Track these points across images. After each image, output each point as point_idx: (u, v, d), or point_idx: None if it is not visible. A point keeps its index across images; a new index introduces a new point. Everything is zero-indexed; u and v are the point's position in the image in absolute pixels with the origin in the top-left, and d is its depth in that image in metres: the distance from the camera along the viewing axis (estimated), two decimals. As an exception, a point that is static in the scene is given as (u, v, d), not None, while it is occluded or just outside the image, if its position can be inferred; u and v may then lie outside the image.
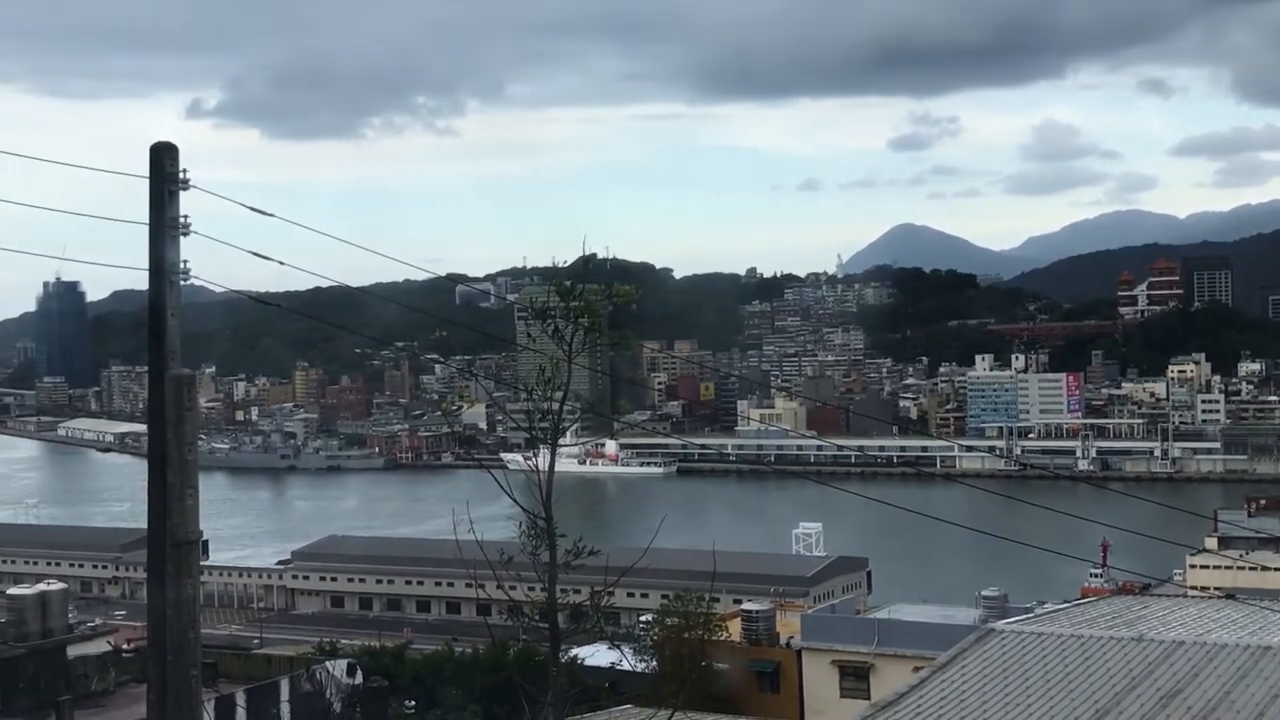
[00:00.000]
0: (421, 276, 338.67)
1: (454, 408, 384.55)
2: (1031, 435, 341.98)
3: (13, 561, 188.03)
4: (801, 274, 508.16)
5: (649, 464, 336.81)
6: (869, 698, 63.03)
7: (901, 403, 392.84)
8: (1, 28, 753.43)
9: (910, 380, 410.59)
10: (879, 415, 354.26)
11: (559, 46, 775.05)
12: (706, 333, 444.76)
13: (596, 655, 50.90)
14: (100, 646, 79.83)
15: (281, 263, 18.77)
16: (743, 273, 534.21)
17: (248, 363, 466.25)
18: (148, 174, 16.68)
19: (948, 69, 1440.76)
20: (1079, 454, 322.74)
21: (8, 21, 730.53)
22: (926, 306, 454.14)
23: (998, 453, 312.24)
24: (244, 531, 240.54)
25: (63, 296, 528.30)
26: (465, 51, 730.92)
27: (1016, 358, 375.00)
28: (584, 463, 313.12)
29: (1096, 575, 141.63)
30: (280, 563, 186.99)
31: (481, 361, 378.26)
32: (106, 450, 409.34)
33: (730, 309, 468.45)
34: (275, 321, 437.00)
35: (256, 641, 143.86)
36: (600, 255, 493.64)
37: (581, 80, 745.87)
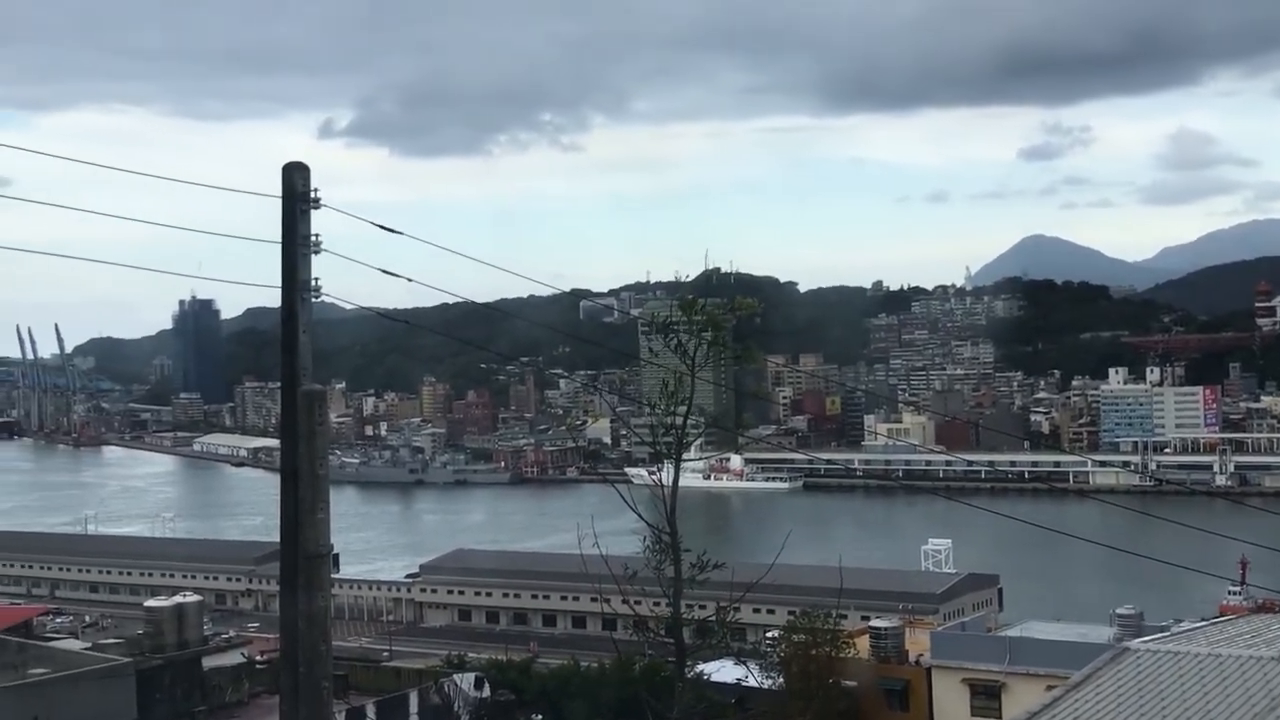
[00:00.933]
0: (546, 292, 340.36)
1: (578, 422, 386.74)
2: (1167, 450, 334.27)
3: (150, 574, 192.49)
4: (929, 286, 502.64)
5: (774, 479, 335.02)
6: (1000, 717, 61.98)
7: (1033, 417, 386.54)
8: (140, 51, 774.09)
9: (1041, 394, 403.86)
10: (1009, 430, 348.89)
11: (684, 61, 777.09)
12: (832, 346, 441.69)
13: (722, 671, 50.64)
14: (234, 658, 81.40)
15: (409, 279, 19.02)
16: (869, 285, 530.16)
17: (377, 378, 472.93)
18: (280, 193, 16.99)
19: (1080, 77, 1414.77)
20: (1216, 469, 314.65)
21: (146, 45, 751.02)
22: (1058, 319, 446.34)
23: (1132, 468, 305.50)
24: (373, 545, 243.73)
25: (198, 314, 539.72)
26: (591, 67, 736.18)
27: (1151, 371, 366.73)
28: (708, 478, 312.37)
29: (1235, 593, 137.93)
30: (409, 576, 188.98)
31: (605, 376, 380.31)
32: (240, 465, 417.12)
33: (856, 322, 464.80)
34: (403, 337, 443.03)
35: (386, 654, 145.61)
36: (724, 269, 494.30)
37: (706, 94, 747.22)
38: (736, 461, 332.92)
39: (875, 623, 79.88)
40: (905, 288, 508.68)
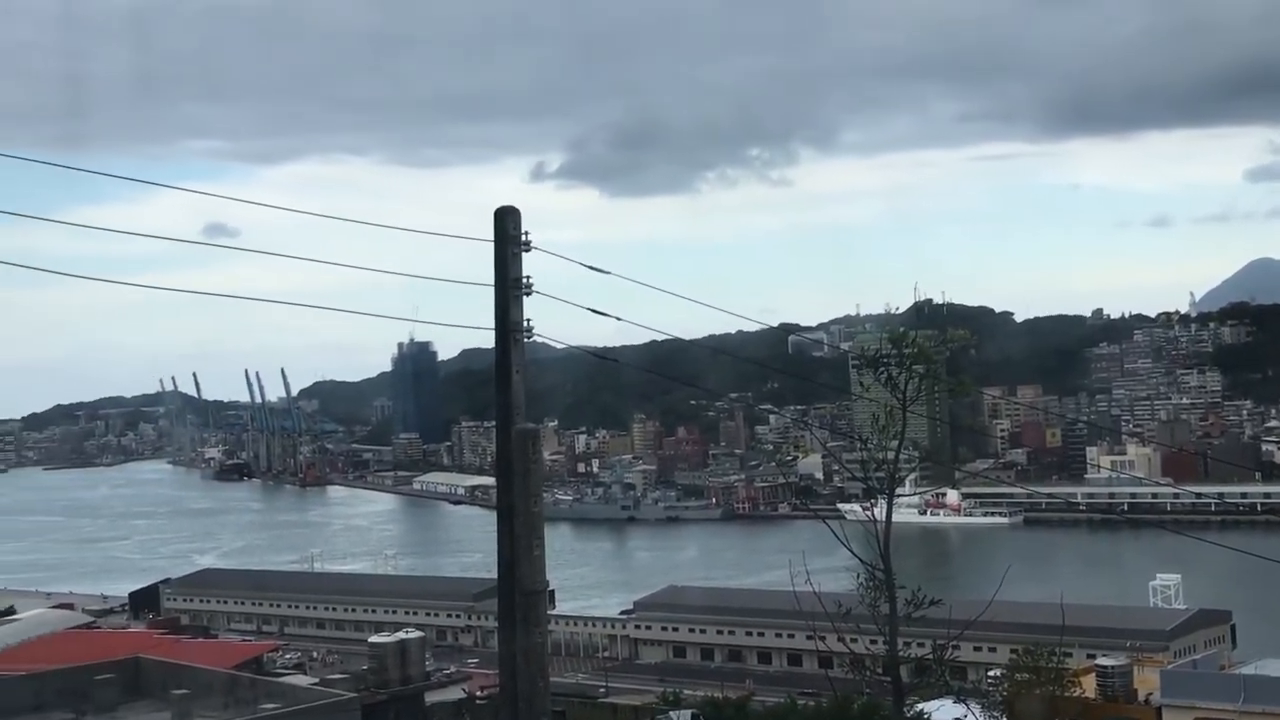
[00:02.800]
0: (754, 327, 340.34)
1: (789, 458, 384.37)
2: None
3: (373, 611, 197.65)
4: (1151, 313, 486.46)
5: (993, 514, 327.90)
6: (1236, 760, 59.45)
7: (1264, 446, 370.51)
8: (358, 103, 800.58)
9: (1273, 423, 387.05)
10: (1239, 460, 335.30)
11: (894, 91, 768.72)
12: (1050, 377, 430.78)
13: (942, 710, 49.50)
14: (455, 693, 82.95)
15: (618, 318, 19.20)
16: (1088, 314, 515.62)
17: (588, 415, 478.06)
18: (493, 237, 17.36)
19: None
20: None
21: (364, 97, 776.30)
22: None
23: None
24: (588, 581, 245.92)
25: (416, 357, 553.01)
26: (800, 101, 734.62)
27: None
28: (924, 513, 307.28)
29: None
30: (624, 612, 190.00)
31: (815, 411, 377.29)
32: (458, 503, 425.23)
33: (1076, 352, 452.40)
34: (614, 375, 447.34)
35: (602, 690, 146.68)
36: (936, 300, 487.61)
37: (916, 124, 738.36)
38: (953, 496, 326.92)
39: (1102, 661, 77.41)
40: (1127, 315, 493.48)
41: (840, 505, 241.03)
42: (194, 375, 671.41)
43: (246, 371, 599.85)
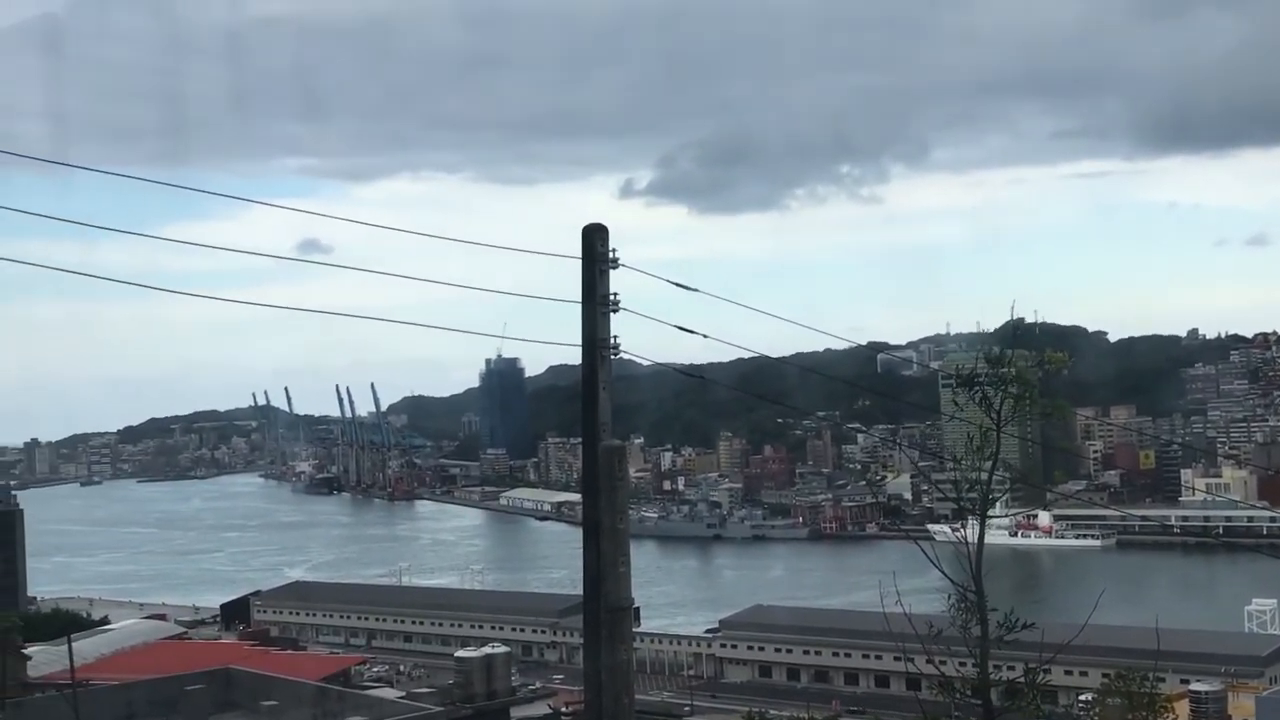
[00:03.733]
0: (842, 345, 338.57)
1: (878, 477, 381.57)
2: None
3: (459, 625, 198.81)
4: (1248, 334, 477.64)
5: (1085, 536, 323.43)
6: (1337, 792, 57.99)
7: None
8: (449, 121, 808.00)
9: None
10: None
11: (988, 108, 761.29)
12: (1145, 398, 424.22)
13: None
14: (540, 709, 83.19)
15: (705, 335, 19.12)
16: (1183, 334, 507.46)
17: (674, 433, 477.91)
18: (580, 254, 17.39)
19: None
20: None
21: (454, 115, 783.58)
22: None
23: None
24: (673, 599, 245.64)
25: (503, 373, 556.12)
26: (892, 118, 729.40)
27: None
28: (1015, 534, 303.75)
29: None
30: (709, 631, 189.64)
31: (905, 430, 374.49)
32: (544, 519, 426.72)
33: (1171, 372, 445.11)
34: (699, 392, 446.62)
35: (687, 709, 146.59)
36: (1028, 319, 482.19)
37: (1010, 140, 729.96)
38: (1045, 518, 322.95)
39: (1196, 686, 76.02)
40: (1223, 335, 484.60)
41: (930, 526, 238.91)
42: (286, 390, 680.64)
43: (337, 386, 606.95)
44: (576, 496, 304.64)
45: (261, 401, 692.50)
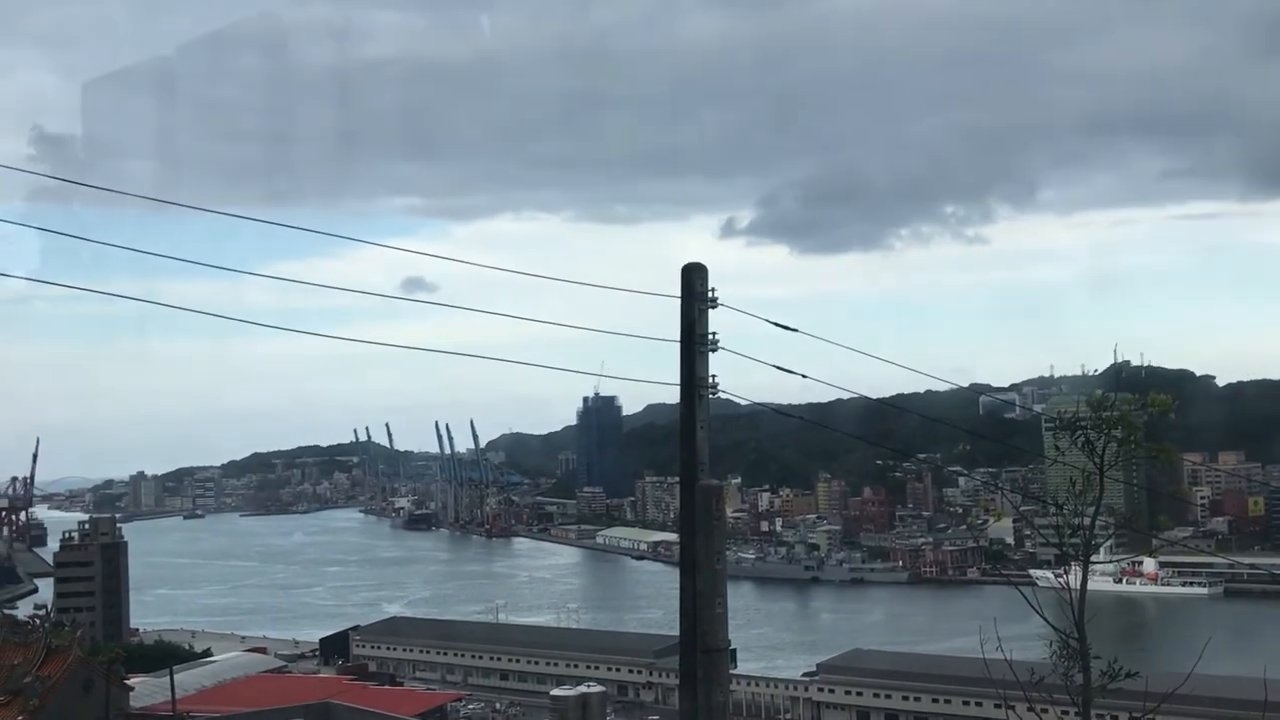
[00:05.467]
0: (944, 387, 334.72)
1: (979, 521, 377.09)
2: None
3: (555, 664, 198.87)
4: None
5: (1192, 584, 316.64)
6: None
7: None
8: (551, 161, 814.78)
9: None
10: None
11: (1096, 147, 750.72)
12: (1254, 443, 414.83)
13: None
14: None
15: (804, 376, 19.06)
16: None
17: (772, 473, 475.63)
18: (679, 293, 17.42)
19: None
20: None
21: (556, 155, 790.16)
22: None
23: None
24: (770, 641, 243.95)
25: (600, 411, 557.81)
26: (998, 158, 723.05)
27: None
28: (1119, 581, 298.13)
29: None
30: (806, 675, 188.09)
31: (1007, 474, 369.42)
32: (640, 558, 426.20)
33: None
34: (797, 432, 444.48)
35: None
36: (1134, 362, 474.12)
37: (1118, 181, 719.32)
38: (1150, 565, 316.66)
39: (1308, 743, 73.75)
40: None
41: (1032, 571, 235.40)
42: (387, 425, 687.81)
43: (437, 423, 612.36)
44: (673, 536, 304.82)
45: (363, 437, 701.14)
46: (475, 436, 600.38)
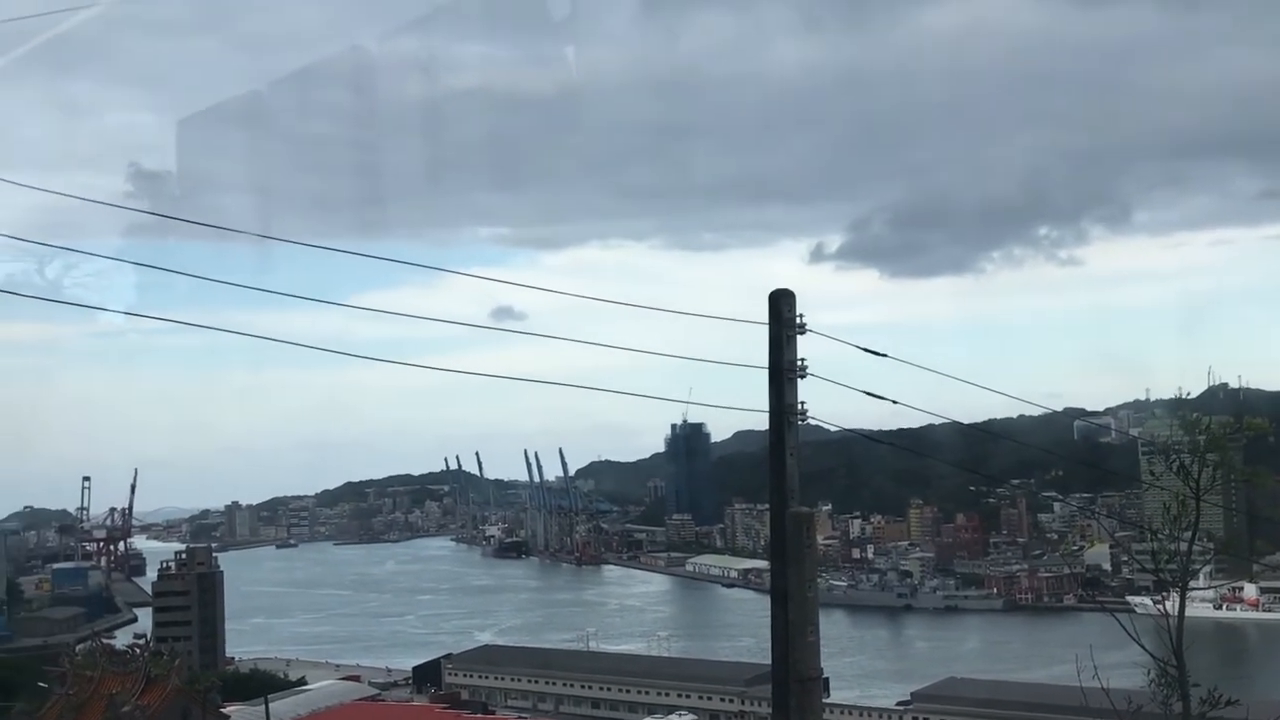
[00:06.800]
0: (1037, 411, 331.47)
1: (1074, 547, 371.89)
2: None
3: (646, 692, 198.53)
4: None
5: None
6: None
7: None
8: (638, 189, 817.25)
9: None
10: None
11: (1193, 168, 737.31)
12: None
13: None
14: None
15: (895, 401, 18.97)
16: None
17: (863, 500, 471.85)
18: (767, 320, 17.43)
19: None
20: None
21: (643, 183, 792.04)
22: None
23: None
24: (863, 670, 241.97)
25: (689, 438, 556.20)
26: (1093, 179, 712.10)
27: None
28: (1219, 607, 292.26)
29: None
30: (899, 704, 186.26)
31: (1103, 499, 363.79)
32: (730, 585, 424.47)
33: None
34: (888, 458, 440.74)
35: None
36: (1232, 385, 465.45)
37: (1214, 201, 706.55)
38: (1251, 590, 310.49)
39: None
40: None
41: (1130, 598, 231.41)
42: (477, 454, 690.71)
43: (526, 451, 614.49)
44: (764, 563, 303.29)
45: (454, 465, 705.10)
46: (564, 464, 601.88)
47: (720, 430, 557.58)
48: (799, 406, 17.00)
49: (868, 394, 18.54)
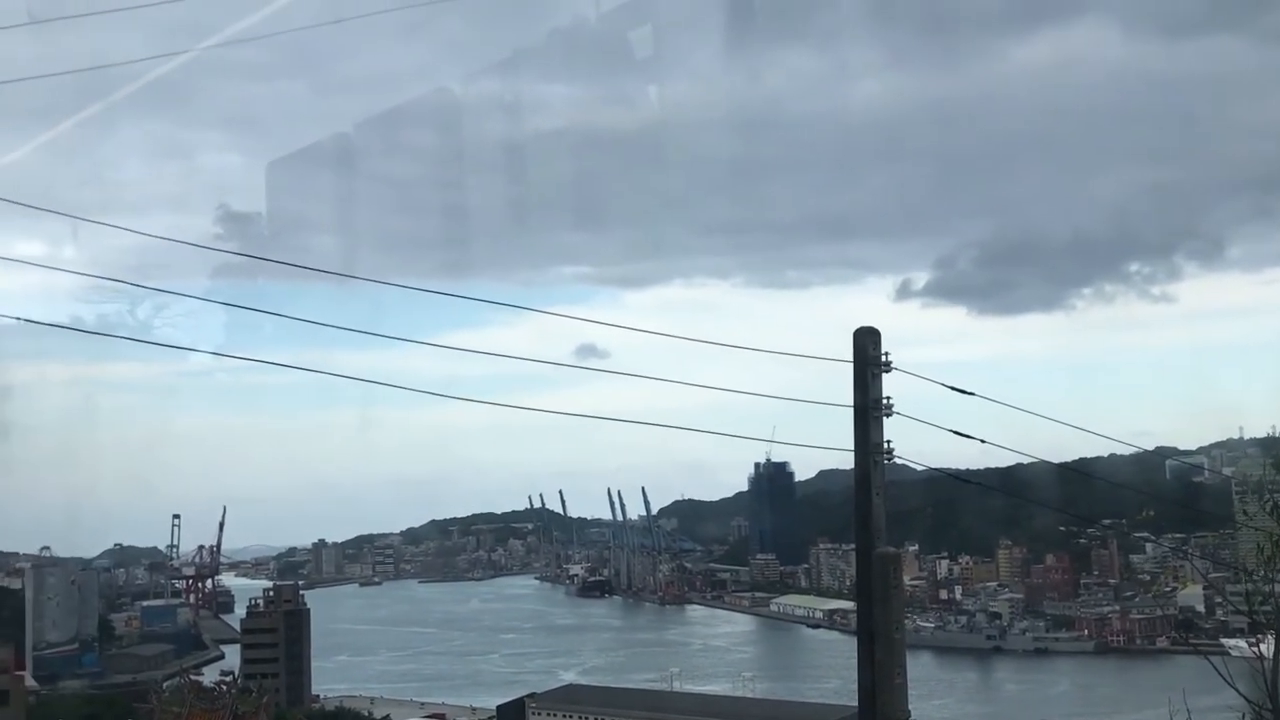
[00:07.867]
0: (1127, 450, 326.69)
1: (1167, 589, 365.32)
2: None
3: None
4: None
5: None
6: None
7: None
8: (721, 227, 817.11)
9: None
10: None
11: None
12: None
13: None
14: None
15: (983, 440, 18.84)
16: None
17: (950, 540, 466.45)
18: (852, 358, 17.39)
19: None
20: None
21: (727, 221, 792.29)
22: None
23: None
24: (952, 713, 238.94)
25: (773, 477, 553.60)
26: (1184, 214, 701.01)
27: None
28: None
29: None
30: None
31: (1196, 540, 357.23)
32: (815, 626, 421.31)
33: None
34: (976, 498, 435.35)
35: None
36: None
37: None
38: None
39: None
40: None
41: (1224, 640, 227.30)
42: (560, 492, 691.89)
43: (609, 490, 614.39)
44: (849, 604, 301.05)
45: (537, 503, 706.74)
46: (647, 503, 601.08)
47: (805, 469, 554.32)
48: (885, 445, 16.92)
49: (955, 433, 18.41)
